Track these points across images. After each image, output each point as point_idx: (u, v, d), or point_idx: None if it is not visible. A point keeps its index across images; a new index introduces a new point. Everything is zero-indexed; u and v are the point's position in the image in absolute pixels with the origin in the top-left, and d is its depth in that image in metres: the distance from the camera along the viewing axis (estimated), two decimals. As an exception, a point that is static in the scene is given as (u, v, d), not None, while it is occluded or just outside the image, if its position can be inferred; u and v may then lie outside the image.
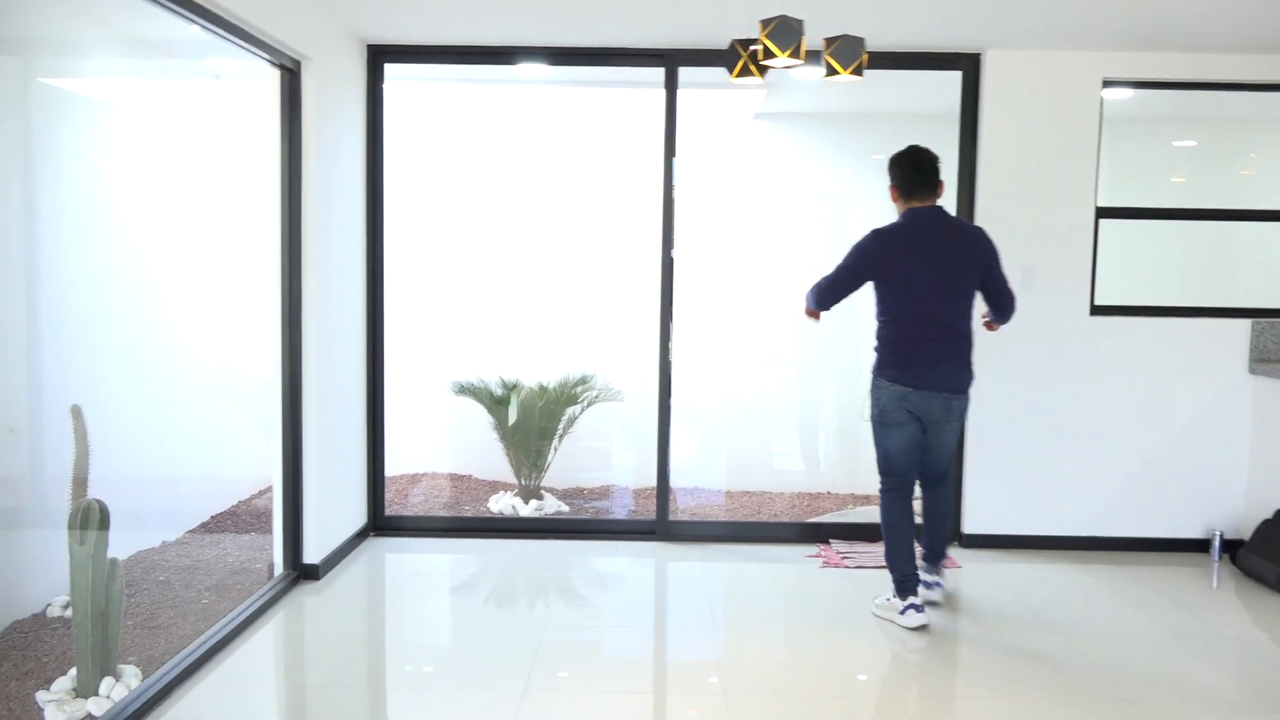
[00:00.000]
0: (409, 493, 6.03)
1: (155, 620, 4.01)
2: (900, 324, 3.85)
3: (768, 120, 6.51)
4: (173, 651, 3.54)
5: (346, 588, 4.30)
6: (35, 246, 3.76)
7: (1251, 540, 4.61)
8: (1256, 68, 4.74)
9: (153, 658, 3.61)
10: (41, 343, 3.83)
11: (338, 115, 4.47)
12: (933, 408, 3.86)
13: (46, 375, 3.89)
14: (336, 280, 4.51)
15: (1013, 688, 3.41)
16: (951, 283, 3.81)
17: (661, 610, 4.19)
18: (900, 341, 3.86)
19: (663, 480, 5.10)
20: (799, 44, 2.71)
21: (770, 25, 2.70)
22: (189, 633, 3.77)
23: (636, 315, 5.38)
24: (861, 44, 2.93)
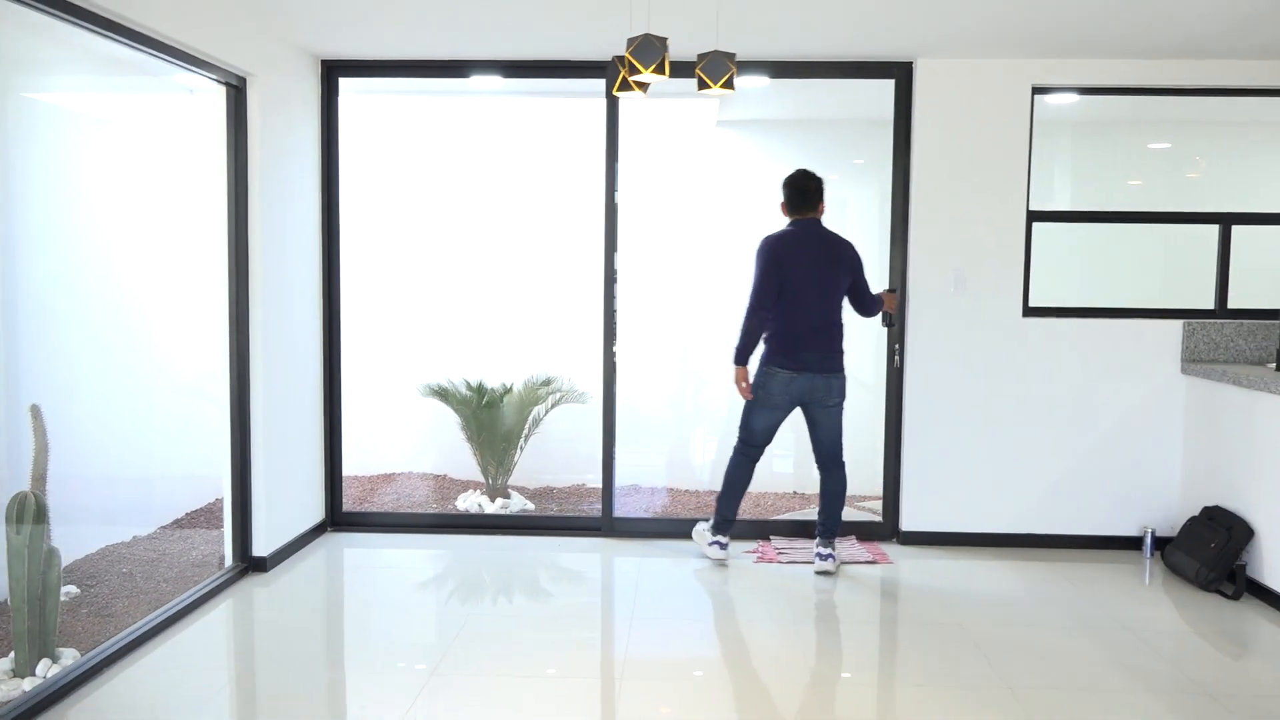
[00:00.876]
0: (382, 491, 6.24)
1: (110, 609, 4.24)
2: (787, 318, 4.53)
3: (730, 127, 6.66)
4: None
5: (294, 579, 4.51)
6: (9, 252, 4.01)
7: (1177, 538, 4.70)
8: (1189, 73, 4.83)
9: (99, 643, 3.82)
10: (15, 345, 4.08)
11: (287, 127, 4.69)
12: (816, 387, 4.55)
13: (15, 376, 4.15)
14: (286, 286, 4.72)
15: (919, 673, 3.54)
16: (827, 283, 4.53)
17: (588, 602, 4.36)
18: (788, 333, 4.54)
19: (607, 478, 5.27)
20: (662, 60, 2.87)
21: (634, 43, 2.87)
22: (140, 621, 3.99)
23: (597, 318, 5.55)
24: (730, 59, 3.09)
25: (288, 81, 4.67)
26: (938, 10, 4.09)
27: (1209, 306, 4.98)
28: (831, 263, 4.52)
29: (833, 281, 4.52)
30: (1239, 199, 5.02)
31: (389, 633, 3.91)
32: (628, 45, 2.88)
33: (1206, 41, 4.47)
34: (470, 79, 5.20)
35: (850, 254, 4.59)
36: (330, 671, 3.54)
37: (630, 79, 2.99)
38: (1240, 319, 4.93)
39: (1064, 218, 5.02)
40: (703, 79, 3.09)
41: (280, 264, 4.63)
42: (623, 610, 4.17)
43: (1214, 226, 4.97)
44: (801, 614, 4.12)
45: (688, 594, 4.40)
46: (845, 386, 4.63)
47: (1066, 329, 4.97)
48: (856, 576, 4.61)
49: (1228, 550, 4.33)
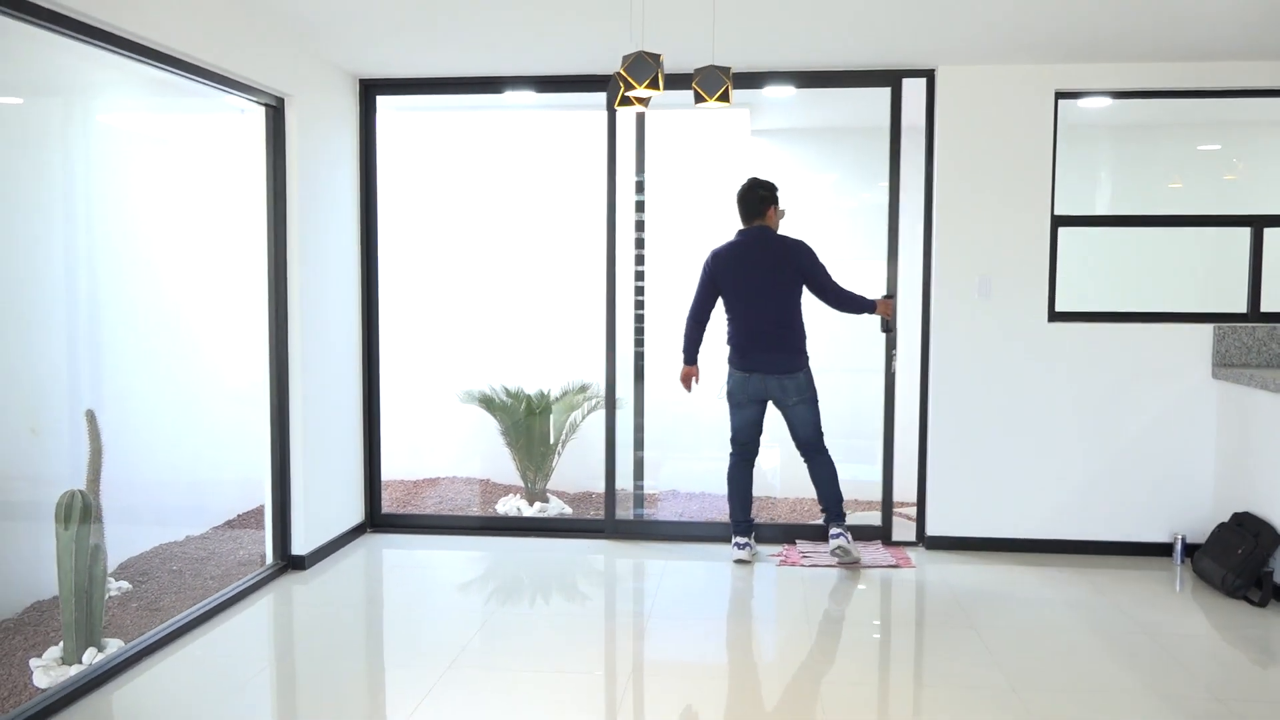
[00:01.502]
0: (426, 494, 6.44)
1: (159, 603, 4.48)
2: (737, 323, 4.82)
3: (764, 136, 6.75)
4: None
5: (331, 577, 4.71)
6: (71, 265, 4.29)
7: (1206, 544, 4.65)
8: (1217, 75, 4.79)
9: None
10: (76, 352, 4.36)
11: (326, 145, 4.91)
12: (770, 388, 4.79)
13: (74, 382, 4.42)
14: (324, 296, 4.94)
15: (930, 679, 3.59)
16: (772, 287, 4.72)
17: (610, 603, 4.47)
18: (739, 336, 4.82)
19: (610, 482, 5.41)
20: (656, 76, 2.99)
21: (628, 60, 2.99)
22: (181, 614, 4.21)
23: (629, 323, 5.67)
24: (726, 73, 3.18)
25: (326, 100, 4.89)
26: (958, 18, 4.14)
27: (1241, 310, 4.92)
28: (774, 267, 4.70)
29: (778, 285, 4.71)
30: (1271, 201, 4.95)
31: (416, 627, 4.07)
32: (622, 62, 3.00)
33: (1234, 42, 4.44)
34: (505, 94, 5.37)
35: (798, 256, 4.74)
36: (356, 662, 3.71)
37: (627, 94, 3.11)
38: (1273, 322, 4.85)
39: (1090, 222, 5.00)
40: (698, 93, 3.20)
41: (318, 275, 4.84)
42: (642, 610, 4.27)
43: (1246, 229, 4.90)
44: (815, 616, 4.18)
45: (705, 595, 4.49)
46: (804, 385, 4.78)
47: (1094, 333, 4.95)
48: (877, 580, 4.66)
49: (1255, 556, 4.28)
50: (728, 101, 3.20)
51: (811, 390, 4.83)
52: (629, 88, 3.00)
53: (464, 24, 4.25)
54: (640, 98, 3.21)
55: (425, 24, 4.28)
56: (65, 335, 4.38)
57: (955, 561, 4.92)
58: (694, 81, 3.20)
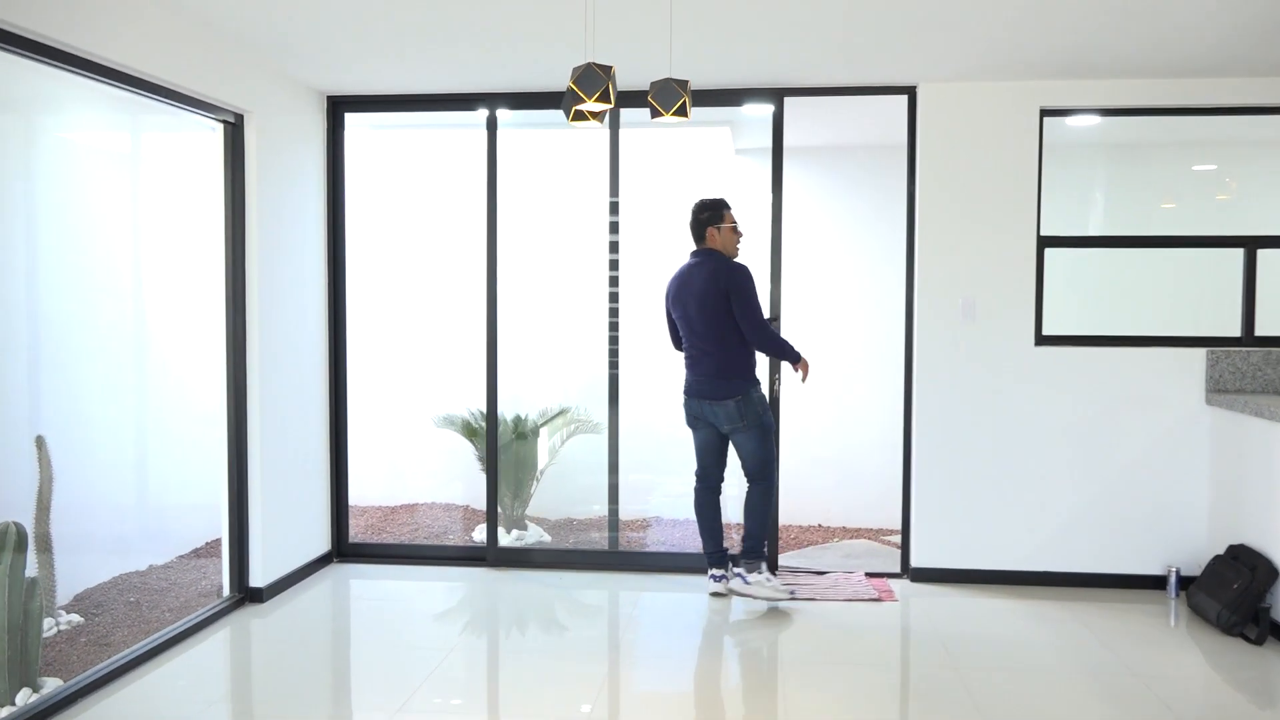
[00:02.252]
0: (402, 521, 6.26)
1: (110, 638, 4.30)
2: (684, 347, 4.70)
3: (748, 155, 6.62)
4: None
5: (292, 610, 4.53)
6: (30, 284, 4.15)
7: (1200, 577, 4.46)
8: (1206, 91, 4.65)
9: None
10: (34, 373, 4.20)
11: (289, 162, 4.77)
12: (705, 413, 4.61)
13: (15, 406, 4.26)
14: (286, 317, 4.79)
15: (882, 719, 3.40)
16: (701, 311, 4.50)
17: (578, 637, 4.28)
18: (684, 360, 4.71)
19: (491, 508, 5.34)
20: (607, 89, 2.84)
21: (578, 72, 2.85)
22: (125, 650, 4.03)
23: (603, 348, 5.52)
24: (683, 87, 3.04)
25: (288, 118, 4.76)
26: (940, 34, 4.00)
27: (1235, 334, 4.75)
28: (703, 291, 4.47)
29: (704, 309, 4.47)
30: (1263, 222, 4.79)
31: (379, 663, 3.89)
32: (571, 75, 2.86)
33: (1221, 59, 4.30)
34: (480, 112, 5.25)
35: (727, 279, 4.45)
36: (310, 702, 3.53)
37: (579, 108, 2.97)
38: (1268, 347, 4.68)
39: (1077, 243, 4.85)
40: (654, 107, 3.05)
41: (278, 294, 4.70)
42: (612, 644, 4.09)
43: (1239, 250, 4.74)
44: (791, 652, 3.99)
45: (681, 630, 4.31)
46: (734, 413, 4.50)
47: (1082, 358, 4.78)
48: (857, 615, 4.47)
49: (1251, 591, 4.09)
50: (685, 116, 3.05)
51: (751, 419, 4.51)
52: (578, 101, 2.86)
53: (430, 41, 4.12)
54: (593, 111, 3.07)
55: (392, 41, 4.15)
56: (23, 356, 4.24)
57: (940, 595, 4.73)
58: (649, 95, 3.06)
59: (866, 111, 5.46)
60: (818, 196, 6.63)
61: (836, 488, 6.76)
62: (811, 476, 6.75)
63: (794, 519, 6.76)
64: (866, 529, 6.64)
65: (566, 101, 3.01)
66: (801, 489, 6.75)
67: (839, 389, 6.69)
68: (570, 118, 3.12)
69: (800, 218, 6.62)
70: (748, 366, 4.55)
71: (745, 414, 4.51)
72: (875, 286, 6.53)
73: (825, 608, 4.55)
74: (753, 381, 4.55)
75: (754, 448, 4.57)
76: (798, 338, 6.56)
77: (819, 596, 4.67)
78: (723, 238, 4.58)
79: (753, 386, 4.54)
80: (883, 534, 6.47)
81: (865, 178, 6.51)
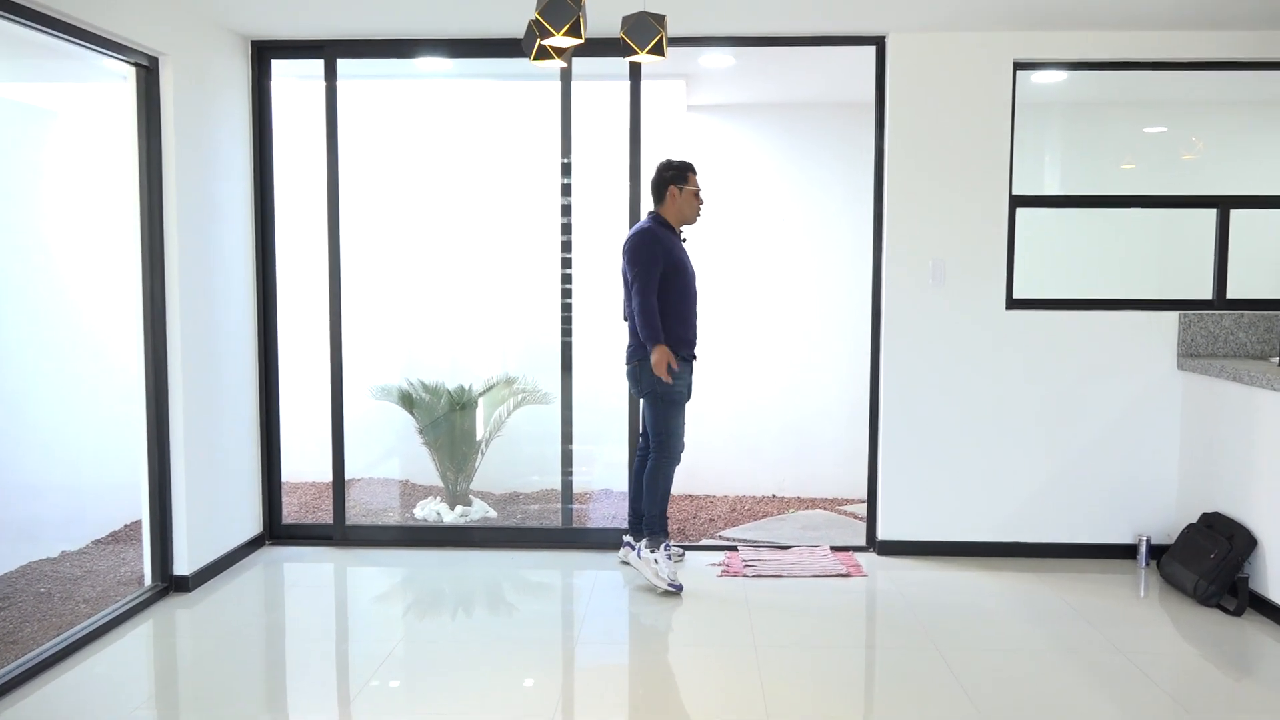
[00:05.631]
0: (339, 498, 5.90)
1: (17, 635, 3.92)
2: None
3: (701, 112, 6.34)
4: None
5: (220, 599, 4.18)
6: None
7: (1173, 547, 4.35)
8: (1182, 45, 4.48)
9: (-12, 674, 3.49)
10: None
11: (211, 112, 4.36)
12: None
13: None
14: (210, 282, 4.40)
15: (884, 708, 3.20)
16: (626, 275, 4.36)
17: (531, 625, 4.02)
18: None
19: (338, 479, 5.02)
20: (577, 21, 2.53)
21: (543, 3, 2.53)
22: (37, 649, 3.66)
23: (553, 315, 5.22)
24: (660, 22, 2.74)
25: (208, 62, 4.34)
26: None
27: (1206, 297, 4.63)
28: (624, 253, 4.37)
29: (625, 273, 4.37)
30: (1237, 182, 4.67)
31: (316, 655, 3.58)
32: (537, 5, 2.53)
33: (1201, 10, 4.12)
34: (420, 62, 4.87)
35: (627, 244, 4.36)
36: (242, 699, 3.21)
37: (544, 43, 2.65)
38: (1240, 310, 4.57)
39: (1050, 203, 4.68)
40: (627, 43, 2.75)
41: (201, 258, 4.30)
42: (567, 631, 3.83)
43: (1211, 211, 4.61)
44: (759, 635, 3.77)
45: (639, 612, 4.06)
46: (634, 377, 4.41)
47: (1053, 322, 4.63)
48: (826, 592, 4.27)
49: (1228, 561, 3.98)
50: (662, 55, 2.75)
51: (647, 384, 4.34)
52: (545, 35, 2.54)
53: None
54: (558, 48, 2.75)
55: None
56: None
57: (909, 568, 4.56)
58: (622, 30, 2.75)
59: (829, 65, 5.22)
60: (772, 155, 6.37)
61: (790, 457, 6.58)
62: (764, 446, 6.57)
63: (747, 490, 6.57)
64: (822, 499, 6.48)
65: (528, 39, 2.69)
66: (754, 459, 6.56)
67: (792, 356, 6.49)
68: (533, 55, 2.79)
69: (754, 177, 6.38)
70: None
71: (641, 379, 4.37)
72: (825, 249, 6.32)
73: (792, 585, 4.35)
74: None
75: (652, 416, 4.42)
76: (747, 304, 6.34)
77: (785, 573, 4.47)
78: (682, 200, 4.36)
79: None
80: (838, 504, 6.32)
81: (822, 136, 6.28)
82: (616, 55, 4.62)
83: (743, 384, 6.48)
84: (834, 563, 4.58)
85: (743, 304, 6.38)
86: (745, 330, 6.40)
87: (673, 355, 4.26)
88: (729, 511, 6.13)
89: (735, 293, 6.31)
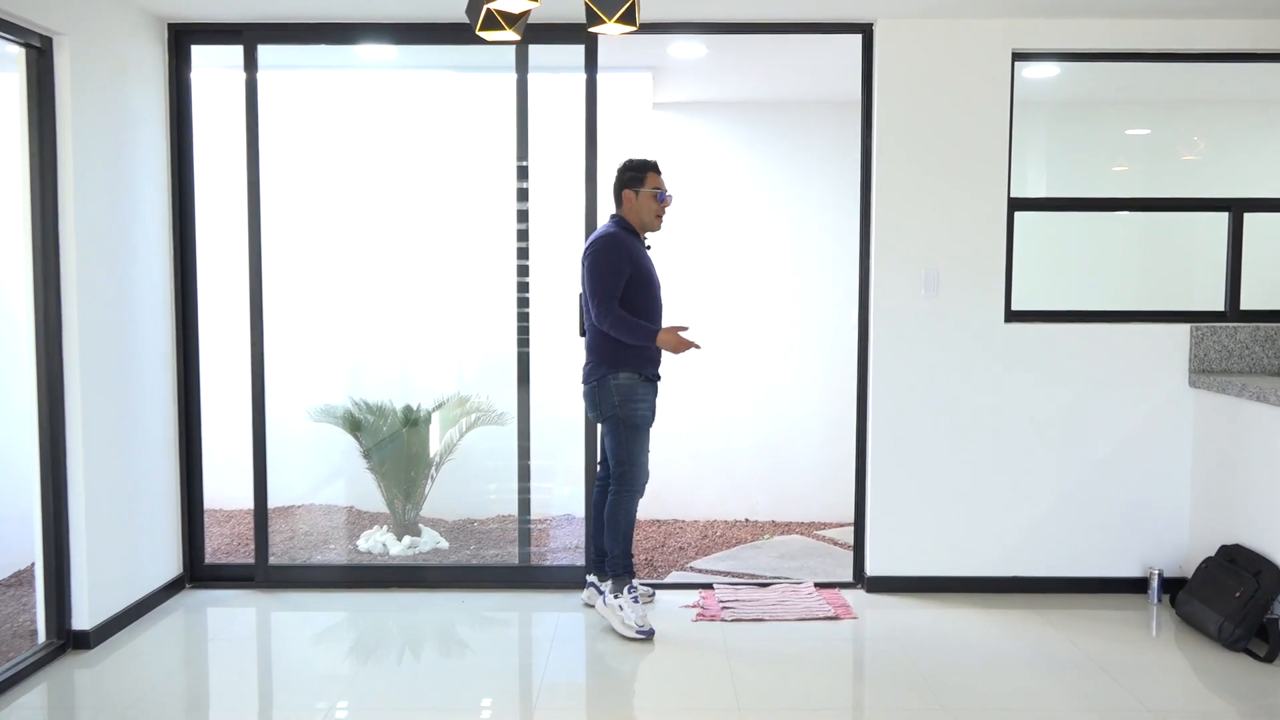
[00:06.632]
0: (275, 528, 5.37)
1: (-115, 702, 3.37)
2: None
3: (669, 110, 5.91)
4: None
5: (127, 656, 3.66)
6: None
7: (1191, 582, 3.97)
8: (1193, 34, 4.13)
9: None
10: None
11: (117, 101, 3.85)
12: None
13: None
14: (116, 295, 3.88)
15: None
16: (583, 286, 3.97)
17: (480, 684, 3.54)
18: None
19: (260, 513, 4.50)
20: (530, -21, 2.09)
21: (490, -44, 2.09)
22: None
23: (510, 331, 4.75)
24: (632, -14, 2.31)
25: (113, 45, 3.83)
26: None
27: (1218, 308, 4.28)
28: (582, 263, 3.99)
29: (582, 284, 3.98)
30: (1249, 185, 4.33)
31: (222, 736, 3.08)
32: (484, -39, 2.08)
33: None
34: (364, 50, 4.40)
35: (586, 252, 3.95)
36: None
37: (490, 8, 2.20)
38: (1256, 322, 4.22)
39: (1051, 205, 4.30)
40: (593, 11, 2.30)
41: (108, 264, 3.79)
42: (526, 689, 3.37)
43: (1223, 214, 4.26)
44: (742, 693, 3.32)
45: (603, 668, 3.61)
46: (592, 400, 3.98)
47: (1055, 336, 4.25)
48: (814, 639, 3.84)
49: (1256, 601, 3.61)
50: (632, 25, 2.32)
51: (607, 409, 3.92)
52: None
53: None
54: (506, 13, 2.29)
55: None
56: None
57: (902, 608, 4.15)
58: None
59: (810, 57, 4.82)
60: (746, 157, 5.96)
61: (764, 478, 6.17)
62: (736, 466, 6.14)
63: (718, 514, 6.15)
64: (798, 523, 6.07)
65: (473, 6, 2.23)
66: (726, 479, 6.14)
67: (765, 372, 6.08)
68: (479, 25, 2.33)
69: (727, 181, 5.96)
70: (612, 350, 3.89)
71: (600, 403, 3.95)
72: (801, 255, 5.92)
73: (776, 630, 3.91)
74: (618, 368, 3.89)
75: (612, 443, 3.97)
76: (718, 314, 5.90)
77: (767, 616, 4.03)
78: (639, 203, 3.94)
79: (612, 374, 3.89)
80: (815, 528, 5.92)
81: (802, 137, 5.88)
82: (577, 42, 4.20)
83: (714, 400, 6.05)
84: (820, 603, 4.15)
85: (713, 314, 5.94)
86: (716, 343, 5.96)
87: (679, 333, 3.83)
88: (699, 538, 5.71)
89: (705, 302, 5.87)
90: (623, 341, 3.86)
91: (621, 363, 3.89)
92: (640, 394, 3.90)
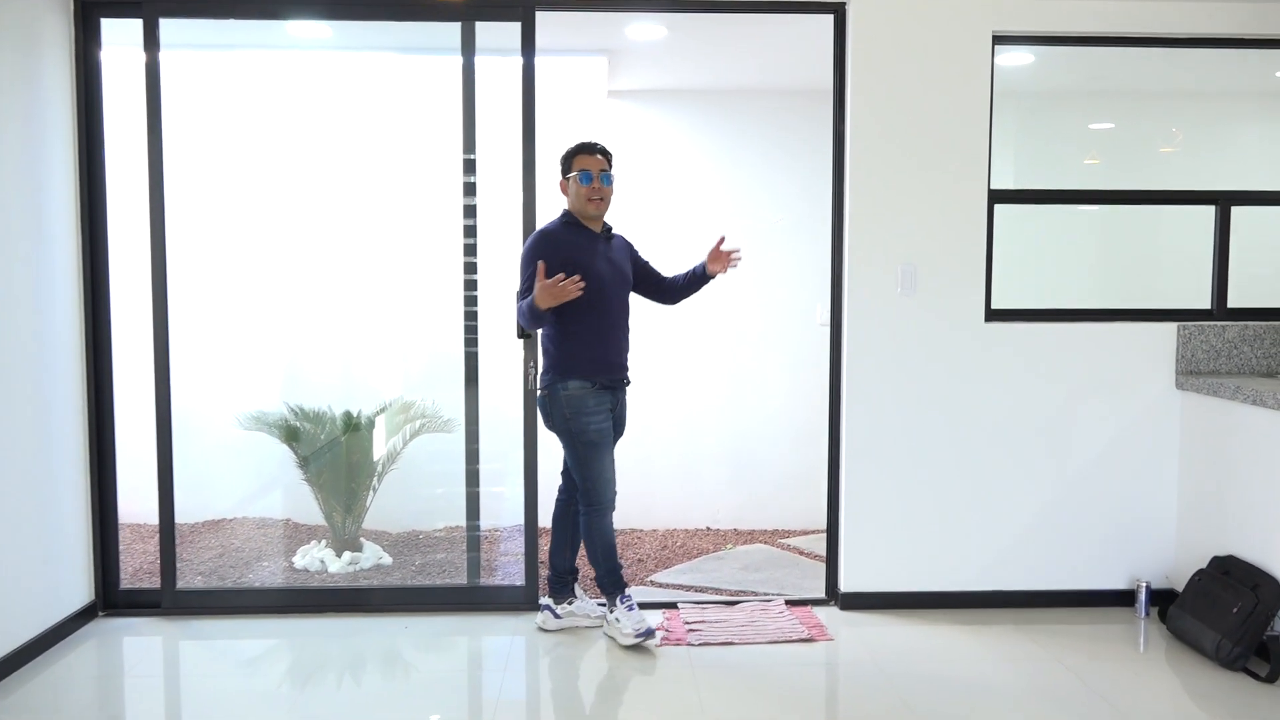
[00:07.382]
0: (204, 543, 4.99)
1: None
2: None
3: (624, 98, 5.60)
4: None
5: (28, 699, 3.26)
6: None
7: (1183, 596, 3.76)
8: (1183, 18, 3.92)
9: None
10: None
11: (11, 78, 3.45)
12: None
13: None
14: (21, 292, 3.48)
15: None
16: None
17: (432, 719, 3.21)
18: None
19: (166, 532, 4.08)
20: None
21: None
22: None
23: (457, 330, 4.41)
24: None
25: (14, 18, 3.43)
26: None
27: (1205, 306, 4.08)
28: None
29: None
30: (1234, 178, 4.14)
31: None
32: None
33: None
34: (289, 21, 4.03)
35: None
36: None
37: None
38: (1244, 320, 4.03)
39: (1034, 198, 4.07)
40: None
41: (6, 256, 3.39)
42: None
43: (1210, 208, 4.06)
44: (718, 730, 3.03)
45: (566, 704, 3.30)
46: (550, 412, 3.70)
47: (1037, 336, 4.02)
48: (788, 662, 3.56)
49: (1255, 617, 3.40)
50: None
51: (558, 420, 3.68)
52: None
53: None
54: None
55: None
56: None
57: (880, 626, 3.89)
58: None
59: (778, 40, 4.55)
60: (708, 149, 5.69)
61: (726, 483, 5.90)
62: (698, 471, 5.86)
63: (678, 522, 5.87)
64: (761, 530, 5.82)
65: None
66: (686, 485, 5.86)
67: (727, 374, 5.80)
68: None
69: (687, 174, 5.68)
70: (561, 356, 3.64)
71: (551, 413, 3.70)
72: (764, 251, 5.64)
73: (747, 655, 3.62)
74: (566, 375, 3.62)
75: (571, 460, 3.74)
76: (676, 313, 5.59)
77: (737, 639, 3.74)
78: (571, 191, 3.71)
79: (561, 382, 3.62)
80: (779, 536, 5.67)
81: (766, 128, 5.62)
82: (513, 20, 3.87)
83: (673, 403, 5.77)
84: (793, 623, 3.88)
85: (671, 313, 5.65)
86: (675, 344, 5.68)
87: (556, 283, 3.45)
88: (659, 549, 5.43)
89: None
90: (567, 343, 3.59)
91: (568, 370, 3.61)
92: (591, 406, 3.61)
